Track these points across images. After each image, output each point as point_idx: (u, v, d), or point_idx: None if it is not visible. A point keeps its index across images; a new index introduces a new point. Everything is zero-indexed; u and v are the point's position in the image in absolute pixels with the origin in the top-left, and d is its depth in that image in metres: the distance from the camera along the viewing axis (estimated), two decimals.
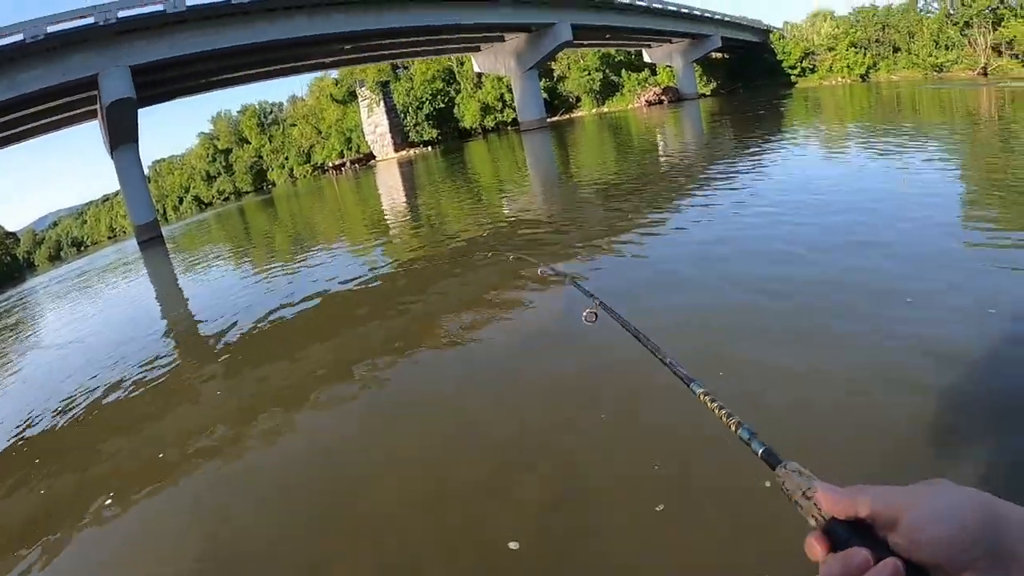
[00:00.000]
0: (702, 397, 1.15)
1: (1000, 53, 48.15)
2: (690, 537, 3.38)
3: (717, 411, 1.07)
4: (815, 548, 0.73)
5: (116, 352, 10.43)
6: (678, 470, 3.97)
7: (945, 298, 5.57)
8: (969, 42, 50.12)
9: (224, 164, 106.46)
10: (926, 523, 0.66)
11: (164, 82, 40.60)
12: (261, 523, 4.43)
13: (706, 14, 64.76)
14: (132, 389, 8.11)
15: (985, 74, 47.26)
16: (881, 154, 14.85)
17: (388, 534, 3.97)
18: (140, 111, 35.64)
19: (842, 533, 0.72)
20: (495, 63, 59.62)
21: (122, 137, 35.47)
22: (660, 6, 58.69)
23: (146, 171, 61.80)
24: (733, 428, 1.01)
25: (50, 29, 29.42)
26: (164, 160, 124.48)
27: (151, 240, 36.44)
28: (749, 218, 10.00)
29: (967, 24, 50.11)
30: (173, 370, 8.61)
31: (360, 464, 4.96)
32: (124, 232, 78.91)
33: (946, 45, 52.36)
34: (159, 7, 32.05)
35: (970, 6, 49.47)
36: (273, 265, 16.25)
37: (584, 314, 1.97)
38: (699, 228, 10.19)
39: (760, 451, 0.93)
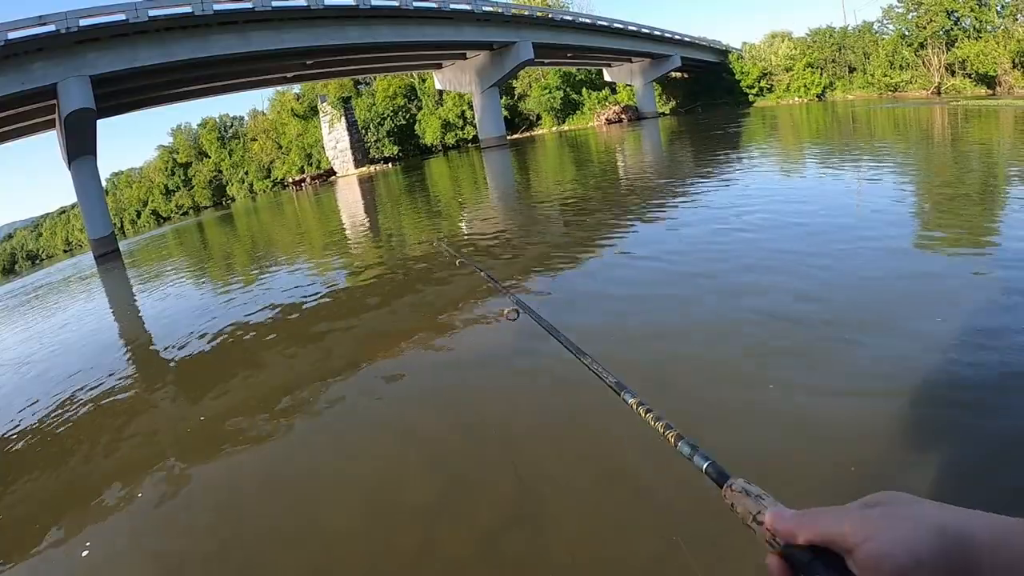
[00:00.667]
0: (636, 407, 1.08)
1: (953, 73, 49.45)
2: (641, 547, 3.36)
3: (653, 422, 1.02)
4: (776, 571, 0.70)
5: (64, 372, 10.10)
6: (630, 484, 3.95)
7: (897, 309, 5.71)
8: (923, 62, 51.40)
9: (183, 178, 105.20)
10: (880, 558, 0.63)
11: (124, 93, 39.84)
12: (200, 551, 4.28)
13: (666, 34, 65.56)
14: (78, 411, 7.88)
15: (939, 93, 48.59)
16: (836, 170, 15.14)
17: (336, 557, 3.87)
18: (99, 122, 34.88)
19: (801, 557, 0.69)
20: (457, 80, 59.66)
21: (80, 149, 34.68)
22: (621, 26, 59.28)
23: (104, 183, 60.72)
24: (672, 441, 0.96)
25: (11, 36, 28.71)
26: (122, 173, 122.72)
27: (108, 255, 35.51)
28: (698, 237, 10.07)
29: (921, 45, 51.46)
30: (122, 391, 8.35)
31: (308, 486, 4.86)
32: (81, 246, 77.66)
33: (901, 65, 53.80)
34: (121, 16, 31.43)
35: (924, 28, 50.69)
36: (231, 282, 16.00)
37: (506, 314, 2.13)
38: (648, 246, 10.23)
39: (704, 466, 0.87)
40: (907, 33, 53.74)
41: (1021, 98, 38.81)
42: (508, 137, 62.68)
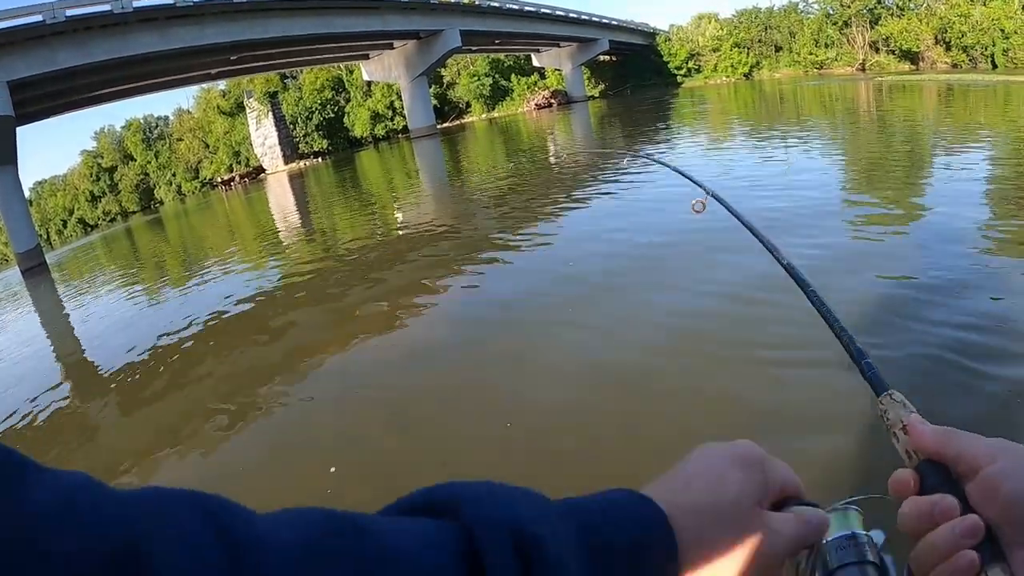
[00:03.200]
0: (815, 304, 1.09)
1: (877, 50, 50.64)
2: None
3: (834, 326, 1.02)
4: (909, 485, 0.72)
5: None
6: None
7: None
8: (848, 40, 52.53)
9: (109, 183, 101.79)
10: (1004, 479, 0.64)
11: (45, 97, 38.25)
12: None
13: (594, 19, 65.79)
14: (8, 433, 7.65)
15: (863, 69, 49.89)
16: (759, 144, 15.38)
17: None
18: (19, 129, 33.36)
19: (933, 476, 0.71)
20: (384, 71, 59.05)
21: (0, 158, 33.16)
22: (548, 11, 59.34)
23: (28, 193, 58.54)
24: (845, 343, 0.98)
25: None
26: (46, 181, 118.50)
27: (35, 268, 33.94)
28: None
29: (846, 23, 52.56)
30: (58, 410, 8.13)
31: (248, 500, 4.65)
32: (5, 260, 75.17)
33: (826, 43, 55.03)
34: (38, 18, 29.96)
35: (848, 6, 51.76)
36: (165, 289, 15.76)
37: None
38: (573, 231, 10.82)
39: (869, 372, 0.90)
40: (832, 12, 55.02)
41: (943, 73, 39.90)
42: (438, 126, 62.43)
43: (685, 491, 0.62)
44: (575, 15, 63.00)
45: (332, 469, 4.84)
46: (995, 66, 41.07)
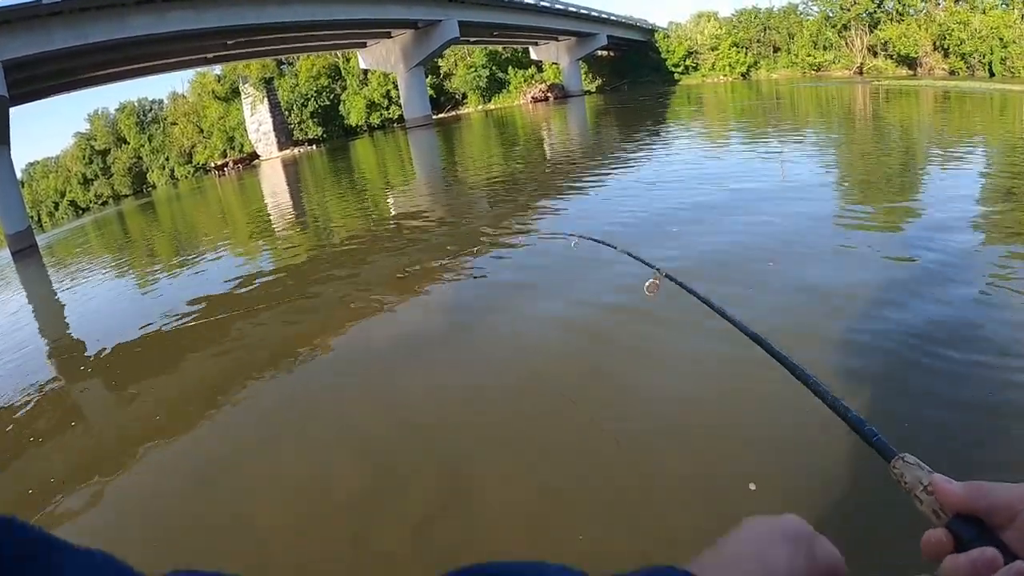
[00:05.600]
0: (806, 381, 1.09)
1: (875, 54, 50.78)
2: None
3: (826, 397, 1.03)
4: (943, 544, 0.70)
5: None
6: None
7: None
8: (847, 43, 52.68)
9: (101, 166, 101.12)
10: None
11: (38, 78, 37.86)
12: (134, 554, 3.91)
13: (593, 13, 65.56)
14: None
15: (860, 73, 49.93)
16: (752, 148, 15.35)
17: (271, 555, 3.84)
18: (12, 110, 33.01)
19: (967, 531, 0.70)
20: (381, 60, 58.78)
21: None
22: (547, 4, 59.14)
23: (19, 175, 57.93)
24: (842, 413, 0.99)
25: None
26: (38, 163, 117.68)
27: (25, 250, 33.73)
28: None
29: (845, 27, 52.73)
30: (44, 391, 8.04)
31: (239, 484, 4.80)
32: None
33: (824, 46, 55.15)
34: None
35: (848, 10, 51.86)
36: (156, 274, 15.63)
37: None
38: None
39: (874, 439, 0.91)
40: (831, 15, 55.08)
41: (941, 79, 39.96)
42: (434, 116, 62.20)
43: (733, 569, 0.61)
44: (574, 9, 62.73)
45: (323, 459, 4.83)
46: (992, 74, 41.16)
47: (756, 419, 4.22)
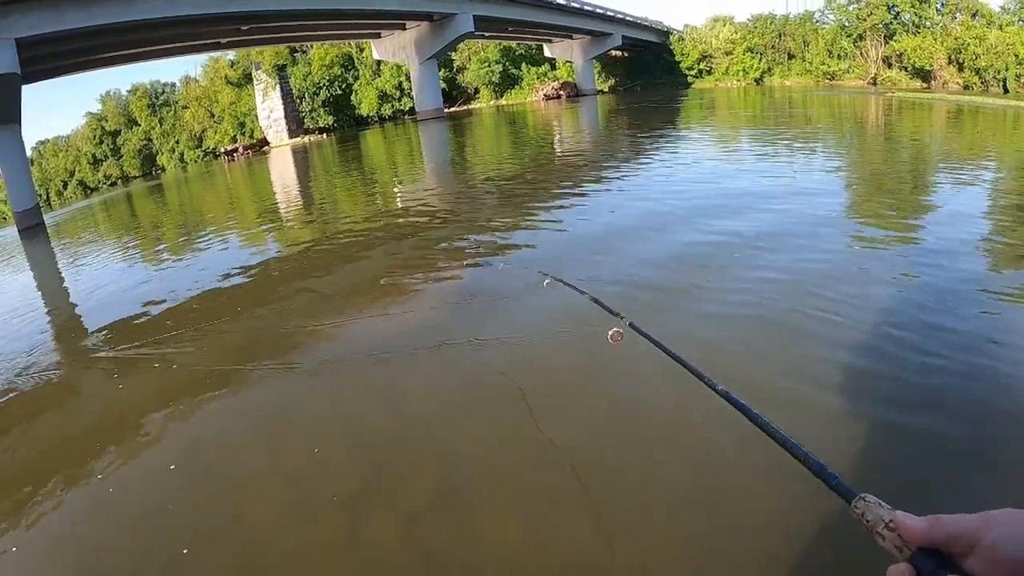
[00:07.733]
0: (764, 428, 1.13)
1: (890, 65, 50.67)
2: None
3: (784, 443, 1.06)
4: None
5: None
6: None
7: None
8: (861, 53, 52.61)
9: (112, 147, 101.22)
10: (1005, 544, 0.68)
11: (51, 57, 37.80)
12: (128, 546, 4.12)
13: (608, 13, 65.42)
14: None
15: (875, 83, 49.84)
16: (763, 154, 15.29)
17: (269, 548, 3.84)
18: (24, 88, 32.97)
19: (929, 563, 0.74)
20: (395, 51, 58.74)
21: (4, 116, 32.46)
22: (563, 2, 58.98)
23: (29, 153, 57.99)
24: (801, 459, 1.02)
25: None
26: (48, 141, 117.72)
27: (33, 228, 33.71)
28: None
29: (860, 37, 52.65)
30: (43, 375, 8.00)
31: (239, 477, 4.78)
32: (4, 219, 74.27)
33: (839, 55, 55.13)
34: None
35: (864, 20, 51.75)
36: (162, 257, 15.63)
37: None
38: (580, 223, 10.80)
39: (833, 482, 0.94)
40: (847, 24, 54.93)
41: (954, 93, 39.80)
42: (445, 110, 62.17)
43: None
44: (590, 8, 62.62)
45: (316, 450, 4.85)
46: (1006, 91, 40.97)
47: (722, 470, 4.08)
